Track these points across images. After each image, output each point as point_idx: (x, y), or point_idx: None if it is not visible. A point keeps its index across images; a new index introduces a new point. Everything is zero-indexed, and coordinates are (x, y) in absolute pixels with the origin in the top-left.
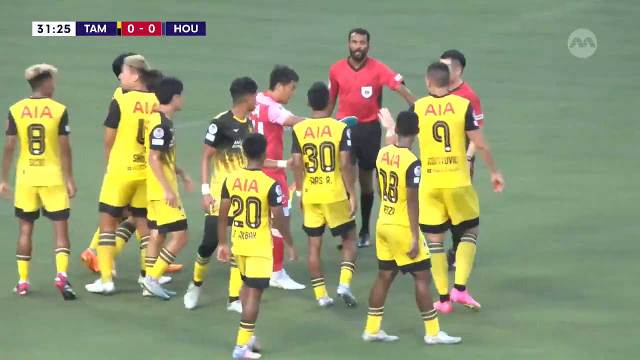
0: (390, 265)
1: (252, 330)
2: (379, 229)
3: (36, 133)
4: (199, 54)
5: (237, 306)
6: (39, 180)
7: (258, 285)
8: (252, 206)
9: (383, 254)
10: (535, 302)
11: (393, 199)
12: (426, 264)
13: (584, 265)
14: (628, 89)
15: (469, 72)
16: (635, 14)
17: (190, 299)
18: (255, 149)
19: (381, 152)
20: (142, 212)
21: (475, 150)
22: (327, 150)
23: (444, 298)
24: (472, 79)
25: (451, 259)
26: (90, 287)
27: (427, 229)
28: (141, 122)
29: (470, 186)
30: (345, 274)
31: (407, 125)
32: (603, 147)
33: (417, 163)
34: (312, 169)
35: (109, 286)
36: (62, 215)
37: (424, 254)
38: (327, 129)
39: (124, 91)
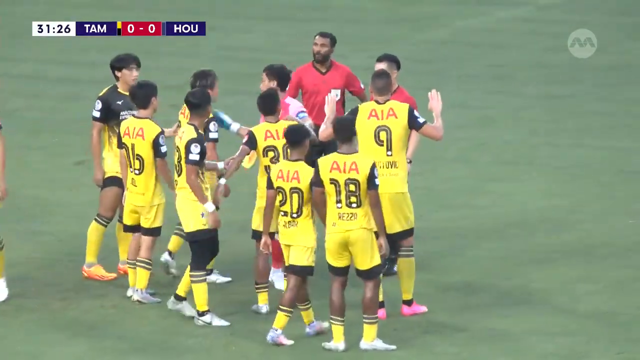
0: (346, 270)
1: (289, 316)
2: (339, 237)
3: None
4: None
5: (181, 306)
6: None
7: (299, 272)
8: (295, 196)
9: (341, 261)
10: (461, 308)
11: (354, 205)
12: (380, 269)
13: (507, 271)
14: (549, 97)
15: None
16: (559, 22)
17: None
18: (296, 139)
19: (327, 163)
20: None
21: (413, 152)
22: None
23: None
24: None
25: (391, 263)
26: None
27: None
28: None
29: (407, 193)
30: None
31: (346, 130)
32: (525, 155)
33: (374, 164)
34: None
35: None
36: None
37: (377, 259)
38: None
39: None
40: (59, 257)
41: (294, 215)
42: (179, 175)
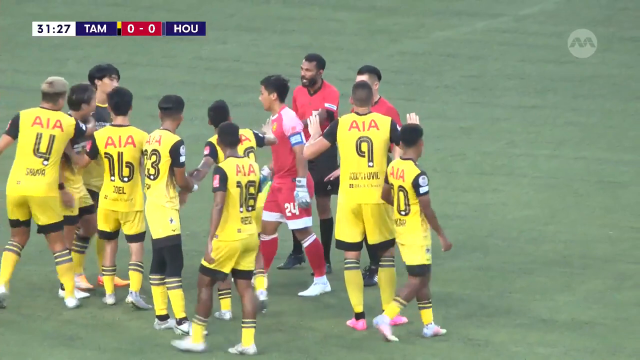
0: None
1: (402, 308)
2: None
3: None
4: None
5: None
6: None
7: (415, 273)
8: (401, 195)
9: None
10: (441, 318)
11: (403, 212)
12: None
13: (487, 282)
14: (526, 108)
15: None
16: (536, 34)
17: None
18: (411, 138)
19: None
20: (43, 229)
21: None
22: (251, 155)
23: (359, 316)
24: None
25: (371, 273)
26: None
27: (344, 246)
28: (39, 136)
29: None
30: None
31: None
32: (503, 165)
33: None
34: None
35: (1, 289)
36: None
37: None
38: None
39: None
40: (37, 268)
41: (402, 213)
42: (153, 180)
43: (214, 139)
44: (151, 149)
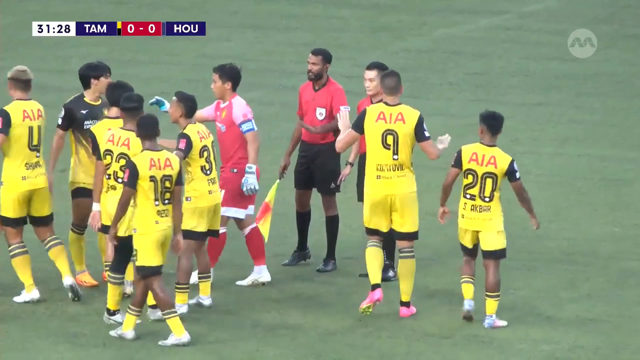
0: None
1: (498, 300)
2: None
3: None
4: None
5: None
6: None
7: (498, 256)
8: (489, 181)
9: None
10: (445, 315)
11: (487, 199)
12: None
13: None
14: (530, 106)
15: None
16: (540, 31)
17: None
18: (498, 125)
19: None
20: (42, 220)
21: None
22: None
23: (376, 286)
24: None
25: (386, 268)
26: (18, 299)
27: (371, 232)
28: (31, 130)
29: (415, 192)
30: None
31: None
32: None
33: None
34: (208, 171)
35: (35, 294)
36: None
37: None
38: (210, 134)
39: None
40: (41, 265)
41: (486, 200)
42: (116, 180)
43: (189, 129)
44: (118, 152)
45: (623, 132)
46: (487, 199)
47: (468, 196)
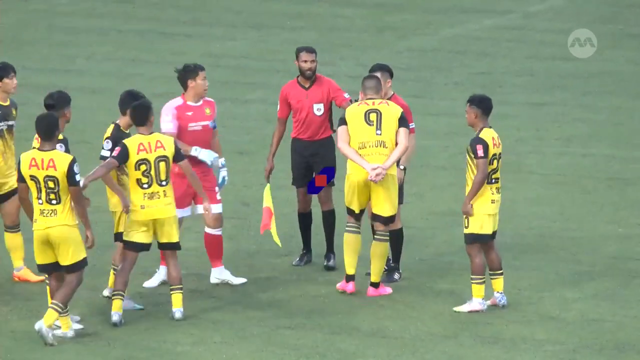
0: (54, 266)
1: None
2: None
3: None
4: (109, 70)
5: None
6: None
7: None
8: (501, 163)
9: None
10: (449, 315)
11: (497, 180)
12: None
13: None
14: (535, 105)
15: None
16: (545, 31)
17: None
18: (491, 105)
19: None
20: None
21: (408, 159)
22: (162, 165)
23: (350, 278)
24: None
25: (391, 271)
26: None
27: (351, 212)
28: None
29: (395, 176)
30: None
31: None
32: (512, 162)
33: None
34: (146, 185)
35: None
36: None
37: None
38: (159, 144)
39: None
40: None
41: (498, 181)
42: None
43: (129, 140)
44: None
45: (628, 131)
46: (497, 181)
47: (494, 181)
